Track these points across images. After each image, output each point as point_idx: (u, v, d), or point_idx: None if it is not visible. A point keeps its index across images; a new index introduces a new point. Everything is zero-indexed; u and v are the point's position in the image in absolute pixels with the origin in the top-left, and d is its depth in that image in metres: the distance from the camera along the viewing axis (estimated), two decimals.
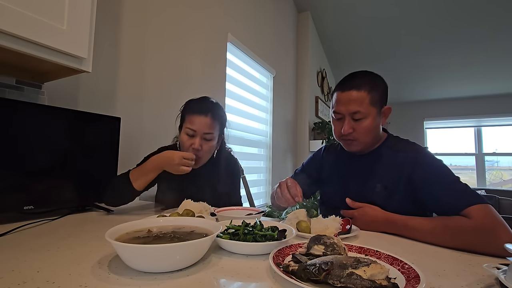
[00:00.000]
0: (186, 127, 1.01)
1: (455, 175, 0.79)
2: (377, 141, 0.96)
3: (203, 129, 1.00)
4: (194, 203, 0.88)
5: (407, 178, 0.85)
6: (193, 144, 1.00)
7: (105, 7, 1.22)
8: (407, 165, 0.86)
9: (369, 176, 0.93)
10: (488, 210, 0.68)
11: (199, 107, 1.03)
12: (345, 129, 0.90)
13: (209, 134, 1.01)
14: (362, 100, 0.87)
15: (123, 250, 0.46)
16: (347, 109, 0.89)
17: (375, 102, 0.88)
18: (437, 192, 0.78)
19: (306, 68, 3.74)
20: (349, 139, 0.92)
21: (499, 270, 0.45)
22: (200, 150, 1.01)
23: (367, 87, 0.87)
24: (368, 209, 0.85)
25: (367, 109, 0.87)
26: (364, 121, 0.88)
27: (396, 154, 0.90)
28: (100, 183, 1.01)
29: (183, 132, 1.03)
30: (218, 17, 2.08)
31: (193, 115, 1.01)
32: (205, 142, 1.02)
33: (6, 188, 0.78)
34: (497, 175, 5.32)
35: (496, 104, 5.11)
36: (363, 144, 0.92)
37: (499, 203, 3.49)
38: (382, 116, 0.93)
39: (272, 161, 3.01)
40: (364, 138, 0.91)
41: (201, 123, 1.00)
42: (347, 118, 0.90)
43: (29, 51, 0.72)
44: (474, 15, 3.28)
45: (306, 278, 0.41)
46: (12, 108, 0.80)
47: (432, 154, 0.88)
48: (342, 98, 0.90)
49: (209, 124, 1.01)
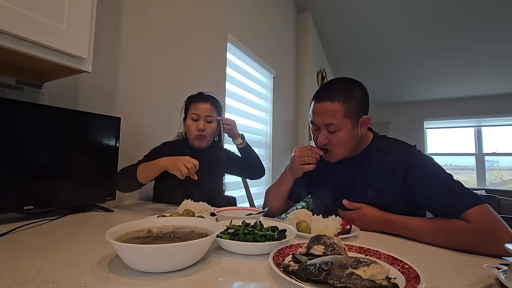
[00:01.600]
0: (192, 113, 1.21)
1: (448, 173, 0.78)
2: (360, 145, 0.93)
3: (205, 112, 1.21)
4: (194, 203, 0.88)
5: (402, 180, 0.83)
6: (198, 126, 1.19)
7: (105, 7, 1.22)
8: (399, 167, 0.84)
9: (358, 178, 0.91)
10: (486, 211, 0.67)
11: (200, 97, 1.25)
12: (320, 140, 0.89)
13: (210, 116, 1.22)
14: (335, 112, 0.84)
15: (123, 250, 0.46)
16: (322, 120, 0.87)
17: (349, 114, 0.85)
18: (433, 195, 0.76)
19: (306, 68, 3.74)
20: (326, 149, 0.90)
21: (499, 270, 0.45)
22: (204, 130, 1.20)
23: (342, 98, 0.84)
24: (366, 210, 0.84)
25: (340, 122, 0.85)
26: (339, 133, 0.86)
27: (385, 156, 0.88)
28: (100, 183, 1.01)
29: (189, 118, 1.22)
30: (218, 17, 2.08)
31: (196, 103, 1.23)
32: (207, 124, 1.22)
33: (6, 188, 0.78)
34: (497, 175, 5.32)
35: (496, 104, 5.11)
36: (340, 155, 0.90)
37: (499, 203, 3.49)
38: (362, 125, 0.89)
39: (272, 161, 3.01)
40: (340, 149, 0.89)
41: (203, 108, 1.21)
42: (322, 129, 0.88)
43: (29, 51, 0.72)
44: (474, 15, 3.28)
45: (306, 278, 0.41)
46: (12, 108, 0.80)
47: (422, 153, 0.86)
48: (316, 109, 0.88)
49: (209, 108, 1.22)
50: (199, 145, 1.21)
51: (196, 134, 1.19)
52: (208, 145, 1.24)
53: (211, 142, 1.26)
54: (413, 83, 4.98)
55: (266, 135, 2.98)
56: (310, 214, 0.81)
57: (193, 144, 1.22)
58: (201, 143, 1.21)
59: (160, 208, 1.14)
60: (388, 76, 4.82)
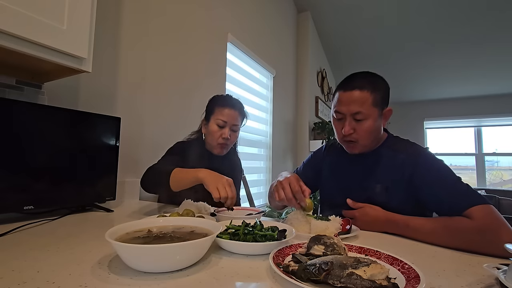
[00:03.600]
0: (217, 118, 1.12)
1: (456, 175, 0.79)
2: (377, 142, 0.95)
3: (232, 121, 1.13)
4: (194, 203, 0.88)
5: (408, 179, 0.84)
6: (223, 134, 1.12)
7: (105, 7, 1.22)
8: (407, 166, 0.85)
9: (369, 176, 0.92)
10: (489, 210, 0.68)
11: (230, 102, 1.16)
12: (345, 130, 0.89)
13: (236, 125, 1.15)
14: (364, 100, 0.86)
15: (123, 250, 0.46)
16: (349, 109, 0.87)
17: (376, 103, 0.87)
18: (439, 193, 0.78)
19: (306, 68, 3.74)
20: (351, 140, 0.91)
21: (499, 270, 0.45)
22: (229, 139, 1.13)
23: (370, 87, 0.86)
24: (369, 209, 0.85)
25: (368, 110, 0.86)
26: (365, 122, 0.87)
27: (396, 154, 0.90)
28: (100, 183, 1.01)
29: (213, 123, 1.13)
30: (218, 17, 2.08)
31: (224, 108, 1.13)
32: (232, 133, 1.15)
33: (6, 188, 0.78)
34: (497, 175, 5.32)
35: (496, 104, 5.11)
36: (364, 146, 0.92)
37: (499, 203, 3.49)
38: (383, 117, 0.92)
39: (272, 161, 3.01)
40: (364, 139, 0.90)
41: (231, 115, 1.13)
42: (348, 119, 0.89)
43: (29, 51, 0.72)
44: (475, 15, 3.28)
45: (306, 278, 0.41)
46: (12, 108, 0.80)
47: (432, 154, 0.87)
48: (344, 97, 0.89)
49: (237, 117, 1.15)
50: (219, 153, 1.16)
51: (220, 142, 1.13)
52: (226, 152, 1.20)
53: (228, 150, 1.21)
54: (413, 83, 4.98)
55: (266, 135, 2.98)
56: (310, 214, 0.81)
57: (211, 150, 1.17)
58: (221, 152, 1.16)
59: (160, 208, 1.14)
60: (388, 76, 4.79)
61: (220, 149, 1.15)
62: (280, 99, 3.23)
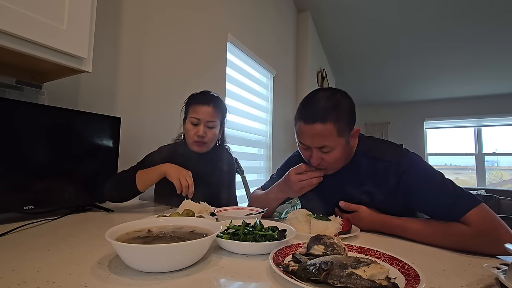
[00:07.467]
0: (191, 117, 1.11)
1: (438, 172, 0.77)
2: (350, 155, 0.90)
3: (206, 117, 1.10)
4: (194, 203, 0.88)
5: (394, 187, 0.81)
6: (197, 132, 1.09)
7: (105, 7, 1.22)
8: (391, 174, 0.81)
9: (350, 186, 0.88)
10: (484, 212, 0.67)
11: (202, 98, 1.13)
12: (313, 161, 0.84)
13: (211, 122, 1.11)
14: (328, 134, 0.78)
15: (123, 250, 0.46)
16: (313, 143, 0.81)
17: (342, 132, 0.79)
18: (429, 199, 0.75)
19: (306, 68, 3.74)
20: (320, 168, 0.86)
21: (499, 270, 0.45)
22: (205, 137, 1.11)
23: (332, 117, 0.77)
24: (363, 214, 0.83)
25: (334, 142, 0.79)
26: (332, 153, 0.81)
27: (375, 162, 0.84)
28: (100, 183, 1.01)
29: (188, 122, 1.12)
30: (218, 17, 2.08)
31: (197, 105, 1.11)
32: (208, 130, 1.12)
33: (6, 188, 0.78)
34: (497, 175, 5.33)
35: (496, 104, 5.11)
36: (335, 169, 0.87)
37: (499, 203, 3.49)
38: (352, 137, 0.85)
39: (272, 161, 3.01)
40: (335, 165, 0.85)
41: (204, 112, 1.10)
42: (314, 151, 0.82)
43: (29, 51, 0.72)
44: (475, 15, 3.28)
45: (306, 278, 0.41)
46: (12, 108, 0.80)
47: (410, 154, 0.83)
48: (306, 130, 0.80)
49: (211, 113, 1.11)
50: (198, 150, 1.13)
51: (195, 140, 1.10)
52: (208, 150, 1.16)
53: (211, 147, 1.17)
54: (413, 83, 4.98)
55: (266, 135, 2.98)
56: (310, 213, 0.81)
57: (192, 149, 1.14)
58: (200, 149, 1.13)
59: (160, 208, 1.14)
60: (388, 76, 4.82)
61: (197, 147, 1.12)
62: (280, 99, 3.23)
